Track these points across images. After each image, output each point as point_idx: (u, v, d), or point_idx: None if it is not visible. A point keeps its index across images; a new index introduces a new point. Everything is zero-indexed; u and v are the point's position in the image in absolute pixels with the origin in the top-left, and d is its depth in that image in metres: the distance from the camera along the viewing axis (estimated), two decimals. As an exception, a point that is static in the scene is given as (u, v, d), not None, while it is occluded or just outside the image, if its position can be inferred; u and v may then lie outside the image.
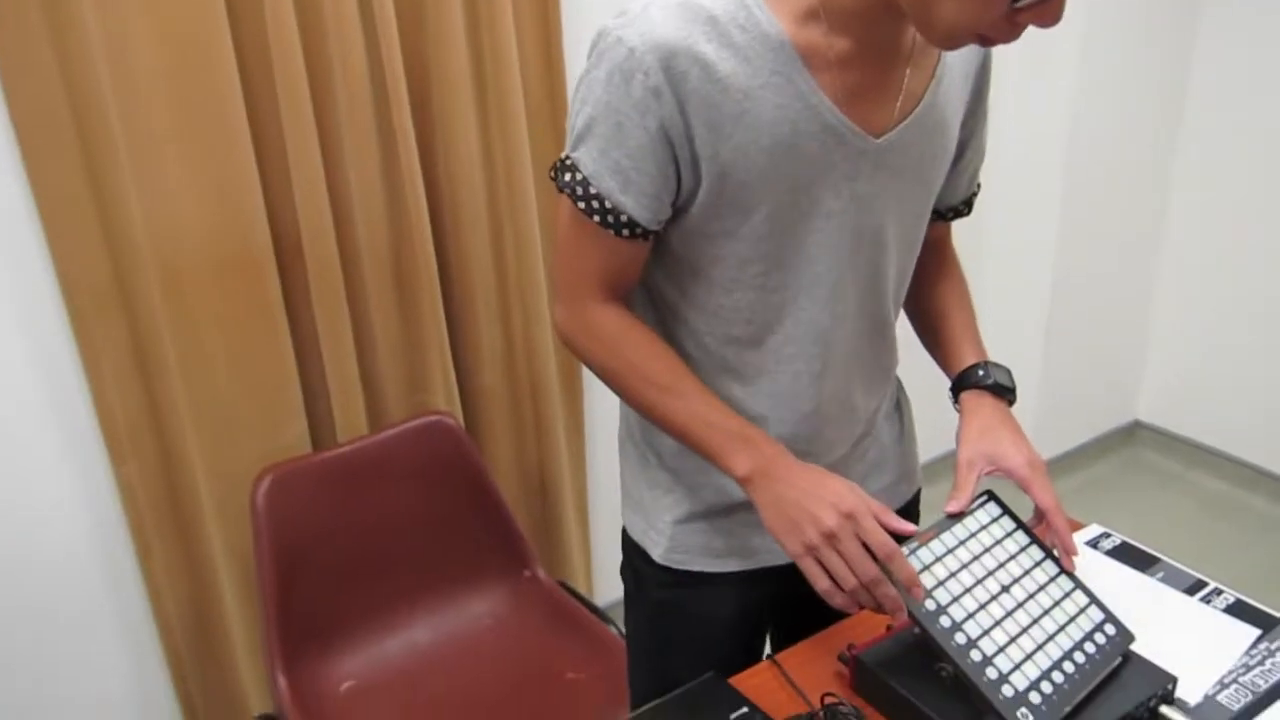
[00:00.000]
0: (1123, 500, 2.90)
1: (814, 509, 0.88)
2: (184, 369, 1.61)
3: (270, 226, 1.63)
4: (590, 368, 1.01)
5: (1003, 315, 0.99)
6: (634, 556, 1.16)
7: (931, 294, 1.17)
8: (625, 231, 0.93)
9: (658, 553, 1.11)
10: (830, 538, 0.87)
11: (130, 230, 1.51)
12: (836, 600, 0.89)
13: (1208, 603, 1.08)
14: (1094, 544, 1.19)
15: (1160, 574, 1.13)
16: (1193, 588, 1.11)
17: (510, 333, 1.96)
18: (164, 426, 1.63)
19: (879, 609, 0.89)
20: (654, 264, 1.01)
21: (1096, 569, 1.12)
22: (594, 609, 1.80)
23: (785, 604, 1.14)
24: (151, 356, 1.58)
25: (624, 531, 1.18)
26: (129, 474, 1.63)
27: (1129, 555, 1.17)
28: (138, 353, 1.58)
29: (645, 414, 1.01)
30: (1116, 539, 1.20)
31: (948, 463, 1.09)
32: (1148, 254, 2.95)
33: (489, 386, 1.96)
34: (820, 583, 0.89)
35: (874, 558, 0.87)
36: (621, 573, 1.20)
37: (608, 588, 2.30)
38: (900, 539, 0.92)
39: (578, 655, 1.71)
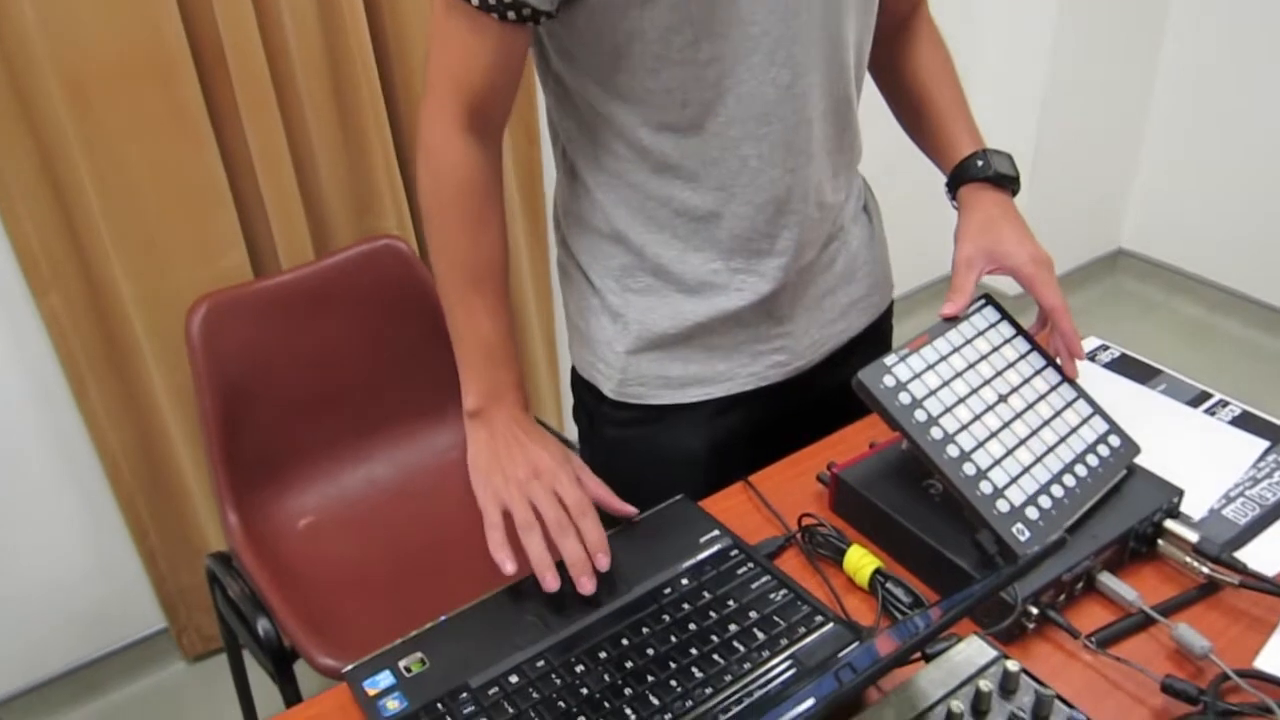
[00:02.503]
0: (1105, 328, 2.86)
1: (508, 464, 0.88)
2: (100, 188, 1.46)
3: (184, 26, 1.45)
4: (418, 184, 0.91)
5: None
6: (585, 395, 1.06)
7: (909, 63, 1.03)
8: (512, 14, 0.79)
9: (609, 388, 1.01)
10: (520, 485, 0.86)
11: (22, 31, 1.34)
12: (508, 568, 0.83)
13: (1213, 414, 1.01)
14: (1092, 356, 1.11)
15: (1162, 386, 1.06)
16: (1196, 399, 1.04)
17: (464, 151, 1.80)
18: (85, 251, 1.49)
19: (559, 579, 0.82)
20: (566, 66, 0.88)
21: (1096, 382, 1.05)
22: (563, 440, 1.73)
23: (759, 432, 1.03)
24: (63, 174, 1.43)
25: (573, 371, 1.07)
26: (53, 305, 1.51)
27: (1129, 367, 1.09)
28: (46, 170, 1.43)
29: (435, 280, 0.94)
30: (1115, 351, 1.12)
31: (919, 299, 1.00)
32: (1139, 81, 2.80)
33: (444, 210, 1.82)
34: (493, 534, 0.84)
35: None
36: (574, 416, 1.11)
37: (578, 421, 2.23)
38: (887, 348, 0.83)
39: (545, 487, 1.65)
